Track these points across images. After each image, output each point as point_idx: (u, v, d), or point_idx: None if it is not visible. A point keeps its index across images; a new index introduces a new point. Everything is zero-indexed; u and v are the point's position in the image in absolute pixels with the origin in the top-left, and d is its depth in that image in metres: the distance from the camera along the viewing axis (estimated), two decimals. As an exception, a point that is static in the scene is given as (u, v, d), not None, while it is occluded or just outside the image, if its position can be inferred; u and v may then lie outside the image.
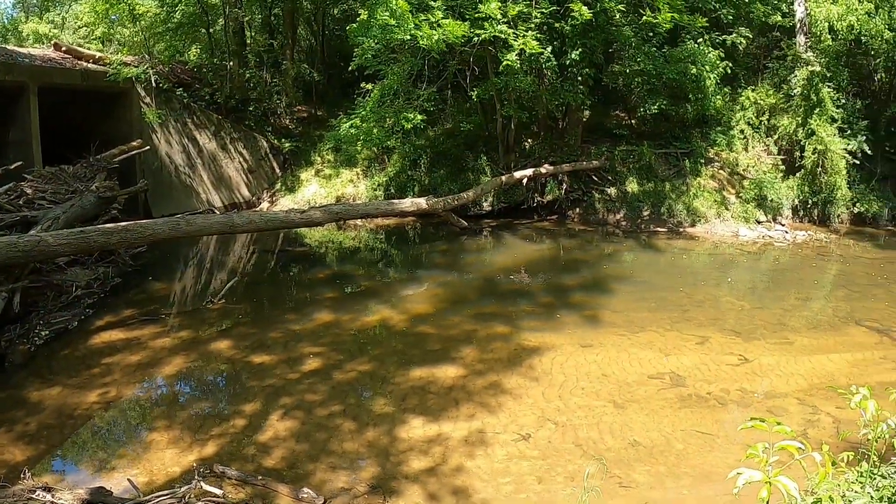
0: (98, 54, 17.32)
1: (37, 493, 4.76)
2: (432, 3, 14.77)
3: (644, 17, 15.71)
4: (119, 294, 10.76)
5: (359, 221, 16.89)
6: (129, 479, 5.17)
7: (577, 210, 17.69)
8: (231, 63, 20.06)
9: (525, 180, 16.93)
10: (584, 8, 14.92)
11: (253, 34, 22.79)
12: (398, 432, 6.19)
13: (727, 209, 17.08)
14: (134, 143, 15.69)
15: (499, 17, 14.49)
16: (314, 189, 19.00)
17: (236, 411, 6.66)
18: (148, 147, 16.01)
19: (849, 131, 17.34)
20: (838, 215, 17.35)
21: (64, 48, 17.10)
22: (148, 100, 16.75)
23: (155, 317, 9.62)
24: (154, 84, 16.85)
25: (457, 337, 8.93)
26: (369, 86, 16.19)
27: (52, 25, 30.20)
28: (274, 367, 7.77)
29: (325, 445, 5.95)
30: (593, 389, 7.20)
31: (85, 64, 16.33)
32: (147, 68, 16.81)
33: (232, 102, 19.79)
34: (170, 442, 5.99)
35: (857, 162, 17.14)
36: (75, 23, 28.59)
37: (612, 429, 6.35)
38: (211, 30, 20.10)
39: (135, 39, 19.80)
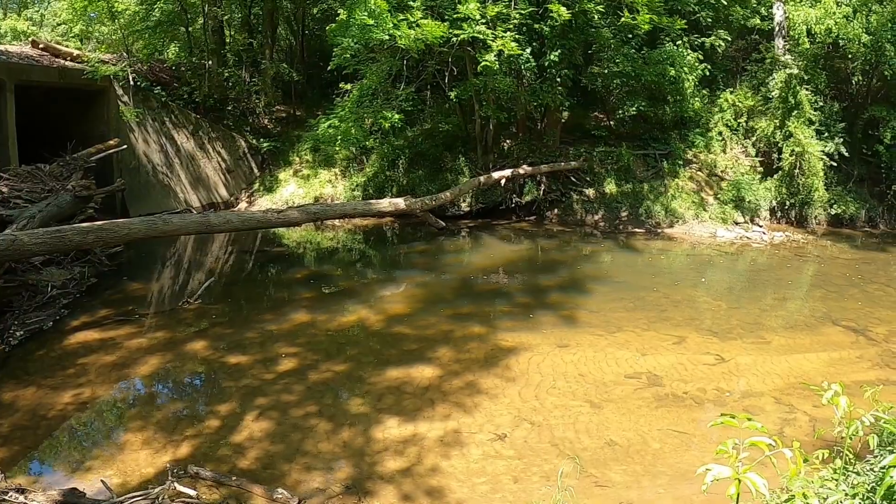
0: (76, 52, 17.11)
1: (9, 495, 4.68)
2: (412, 2, 14.76)
3: (623, 19, 15.74)
4: (95, 294, 10.64)
5: (337, 222, 16.80)
6: (102, 481, 5.11)
7: (556, 211, 17.69)
8: (210, 62, 19.93)
9: (503, 181, 16.92)
10: (563, 9, 14.95)
11: (232, 33, 22.66)
12: (374, 432, 6.15)
13: (705, 210, 17.17)
14: (111, 142, 15.51)
15: (478, 17, 14.49)
16: (292, 189, 18.91)
17: (211, 412, 6.60)
18: (125, 146, 15.83)
19: (826, 133, 17.49)
20: (815, 216, 17.49)
21: (42, 45, 16.87)
22: (126, 98, 16.57)
23: (131, 317, 9.51)
24: (132, 82, 16.69)
25: (433, 337, 8.90)
26: (348, 86, 16.15)
27: (31, 22, 29.84)
28: (250, 368, 7.70)
29: (300, 446, 5.90)
30: (570, 389, 7.19)
31: (62, 61, 16.14)
32: (125, 66, 16.64)
33: (210, 102, 19.66)
34: (144, 443, 5.92)
35: (835, 164, 17.27)
36: (54, 20, 28.33)
37: (589, 428, 6.34)
38: (190, 28, 19.94)
39: (113, 37, 19.59)
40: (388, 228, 17.22)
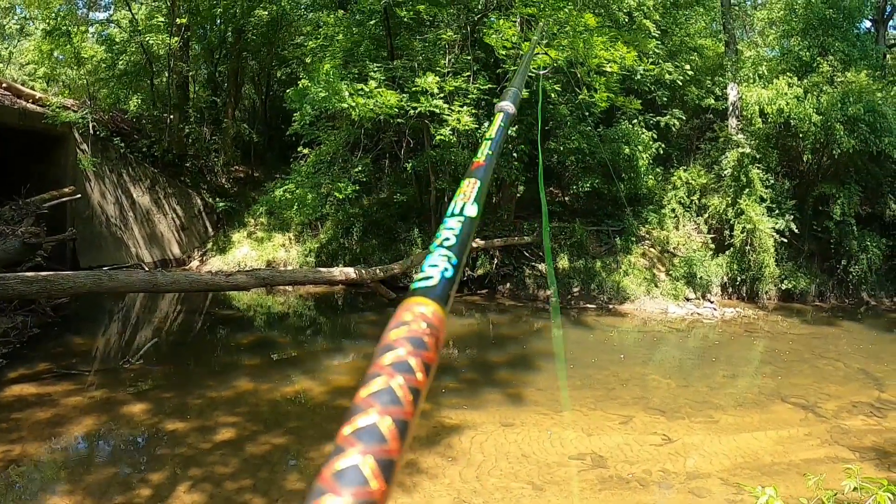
0: (39, 94, 16.94)
1: None
2: (372, 73, 14.87)
3: (580, 97, 16.00)
4: (36, 345, 10.35)
5: (288, 287, 16.57)
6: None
7: (508, 285, 17.62)
8: (172, 116, 19.86)
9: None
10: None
11: (197, 89, 22.73)
12: (306, 512, 5.88)
13: (657, 286, 17.25)
14: (66, 190, 15.16)
15: (436, 91, 14.62)
16: (245, 251, 18.71)
17: (143, 480, 6.28)
18: (80, 195, 15.50)
19: (777, 210, 17.84)
20: (766, 292, 17.69)
21: (4, 84, 16.63)
22: (84, 146, 16.38)
23: (71, 372, 9.21)
24: (92, 131, 16.53)
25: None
26: (306, 151, 16.15)
27: (-1, 59, 29.63)
28: (187, 436, 7.38)
29: (228, 524, 5.62)
30: (512, 470, 6.97)
31: (24, 103, 15.92)
32: (86, 113, 16.49)
33: (169, 157, 19.52)
34: (70, 509, 5.58)
35: (785, 240, 17.60)
36: (22, 58, 28.14)
37: (529, 512, 6.15)
38: (155, 81, 19.94)
39: (78, 82, 19.52)
40: (339, 296, 16.99)
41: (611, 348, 13.47)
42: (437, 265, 0.78)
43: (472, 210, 0.91)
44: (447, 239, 0.84)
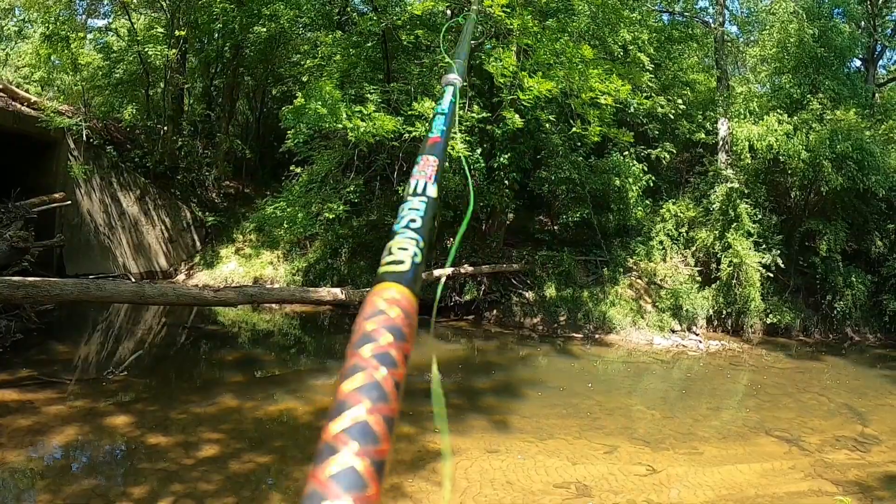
0: (34, 98, 16.91)
1: None
2: (369, 95, 14.93)
3: (574, 129, 16.08)
4: (19, 351, 10.26)
5: (274, 305, 16.51)
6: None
7: (495, 312, 17.60)
8: (166, 128, 19.85)
9: (444, 279, 16.87)
10: (517, 117, 15.21)
11: (191, 102, 22.75)
12: (289, 534, 5.85)
13: (643, 318, 17.30)
14: (56, 196, 15.11)
15: (431, 116, 14.63)
16: (233, 267, 18.66)
17: (124, 493, 6.20)
18: (70, 202, 15.49)
19: (764, 245, 17.99)
20: (751, 325, 17.75)
21: (0, 86, 16.62)
22: (77, 153, 16.36)
23: (53, 380, 9.12)
24: (85, 138, 16.51)
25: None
26: (298, 169, 16.16)
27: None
28: (169, 450, 7.31)
29: (209, 543, 5.58)
30: (496, 497, 6.94)
31: (19, 106, 15.89)
32: (81, 120, 16.47)
33: (161, 168, 19.52)
34: (48, 521, 5.52)
35: (771, 275, 17.71)
36: (18, 60, 28.05)
37: (512, 540, 6.13)
38: (150, 92, 19.96)
39: (73, 89, 19.50)
40: (325, 317, 16.94)
41: (596, 378, 13.48)
42: (406, 248, 0.79)
43: (432, 190, 0.92)
44: (412, 220, 0.85)
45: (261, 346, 14.06)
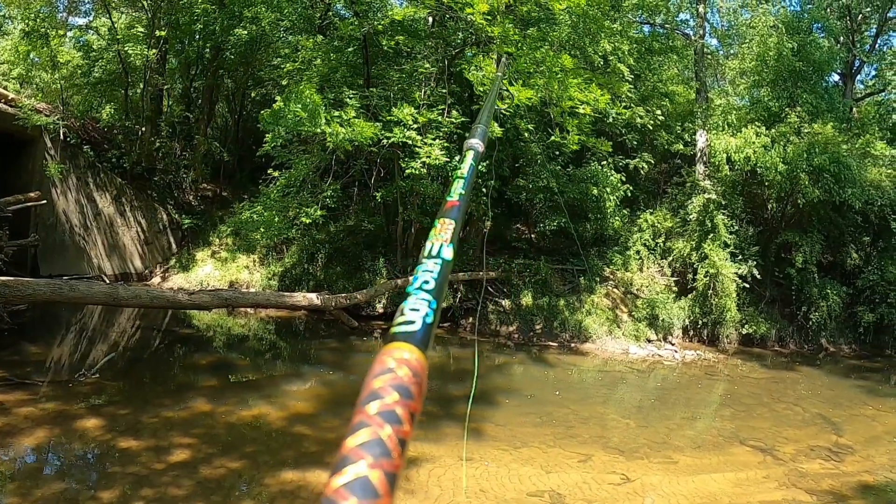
0: (11, 95, 16.67)
1: None
2: (348, 100, 14.87)
3: (553, 137, 16.09)
4: (-10, 352, 10.09)
5: (250, 309, 16.38)
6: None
7: (470, 319, 17.50)
8: (144, 129, 19.68)
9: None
10: (496, 125, 15.18)
11: (170, 103, 22.58)
12: (258, 541, 5.77)
13: (619, 327, 17.32)
14: (32, 195, 14.87)
15: (410, 122, 14.63)
16: (209, 270, 18.51)
17: (93, 498, 6.11)
18: (45, 201, 15.28)
19: (741, 256, 18.12)
20: (727, 336, 17.85)
21: None
22: (53, 152, 16.16)
23: (25, 381, 9.01)
24: (62, 137, 16.33)
25: (334, 441, 8.48)
26: (276, 173, 16.06)
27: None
28: (140, 454, 7.20)
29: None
30: (469, 505, 6.94)
31: None
32: (58, 119, 16.28)
33: (138, 169, 19.36)
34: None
35: (747, 285, 17.83)
36: None
37: (484, 549, 6.08)
38: (129, 92, 19.78)
39: (52, 87, 19.30)
40: (300, 322, 16.82)
41: (571, 386, 13.48)
42: (417, 309, 0.78)
43: (448, 253, 0.93)
44: (426, 282, 0.84)
45: (235, 351, 13.92)
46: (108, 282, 14.96)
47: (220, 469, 7.17)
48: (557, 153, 17.69)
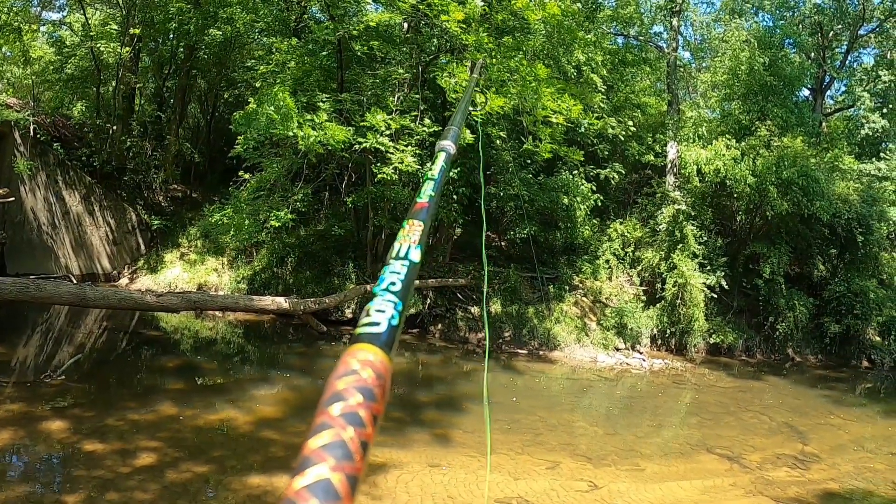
0: None
1: None
2: (321, 103, 14.81)
3: (525, 146, 16.12)
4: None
5: (218, 312, 16.19)
6: None
7: (440, 326, 17.48)
8: (115, 127, 19.47)
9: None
10: (468, 132, 15.14)
11: (142, 102, 22.31)
12: (224, 545, 5.71)
13: (587, 335, 17.38)
14: (0, 191, 14.75)
15: (383, 128, 14.59)
16: (177, 272, 18.30)
17: (58, 501, 6.01)
18: (13, 198, 15.06)
19: (709, 267, 18.30)
20: (695, 345, 17.99)
21: None
22: (23, 148, 15.91)
23: None
24: (32, 133, 16.09)
25: (301, 446, 8.46)
26: (247, 176, 15.95)
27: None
28: (105, 458, 7.09)
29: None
30: (437, 511, 6.91)
31: None
32: (28, 115, 16.06)
33: (108, 168, 19.10)
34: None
35: (716, 296, 18.05)
36: None
37: (451, 555, 6.06)
38: (101, 89, 19.57)
39: (23, 82, 19.04)
40: (269, 326, 16.67)
41: (540, 394, 13.49)
42: (383, 311, 0.78)
43: (416, 255, 0.92)
44: (392, 283, 0.84)
45: (202, 354, 13.77)
46: (75, 282, 14.76)
47: (186, 473, 7.08)
48: (529, 161, 17.76)
